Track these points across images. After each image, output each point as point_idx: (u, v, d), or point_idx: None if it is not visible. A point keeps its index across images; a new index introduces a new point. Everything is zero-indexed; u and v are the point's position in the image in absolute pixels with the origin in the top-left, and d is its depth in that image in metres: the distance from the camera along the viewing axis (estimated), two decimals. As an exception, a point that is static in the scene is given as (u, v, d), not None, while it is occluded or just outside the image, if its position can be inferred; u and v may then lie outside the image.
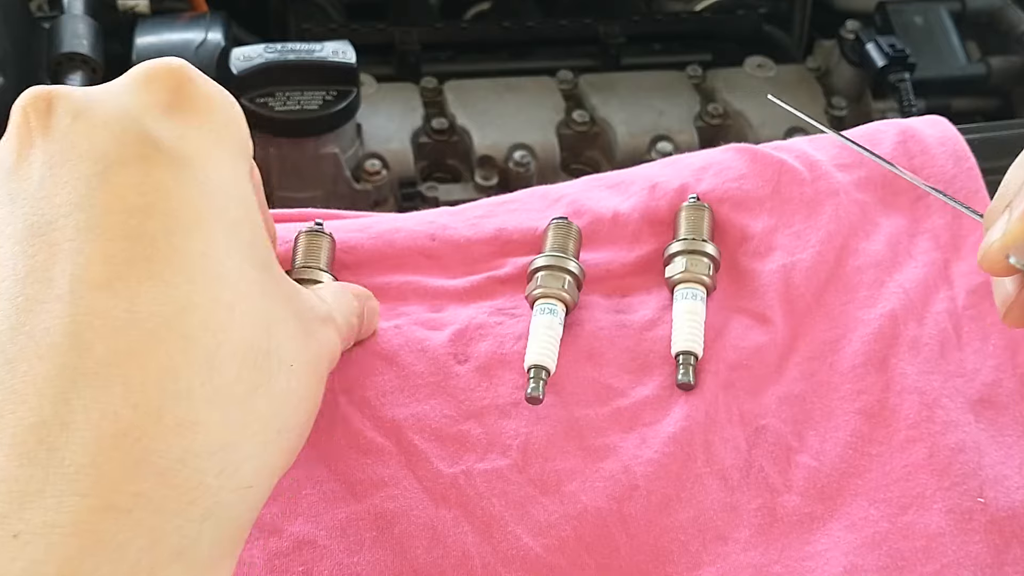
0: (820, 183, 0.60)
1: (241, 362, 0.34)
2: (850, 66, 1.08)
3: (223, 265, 0.35)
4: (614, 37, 1.10)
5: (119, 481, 0.30)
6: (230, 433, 0.33)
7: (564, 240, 0.56)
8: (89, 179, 0.34)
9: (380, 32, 1.09)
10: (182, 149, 0.36)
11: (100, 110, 0.37)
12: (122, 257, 0.33)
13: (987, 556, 0.48)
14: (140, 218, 0.34)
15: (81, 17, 0.91)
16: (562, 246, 0.56)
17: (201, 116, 0.37)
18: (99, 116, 0.36)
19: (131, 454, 0.31)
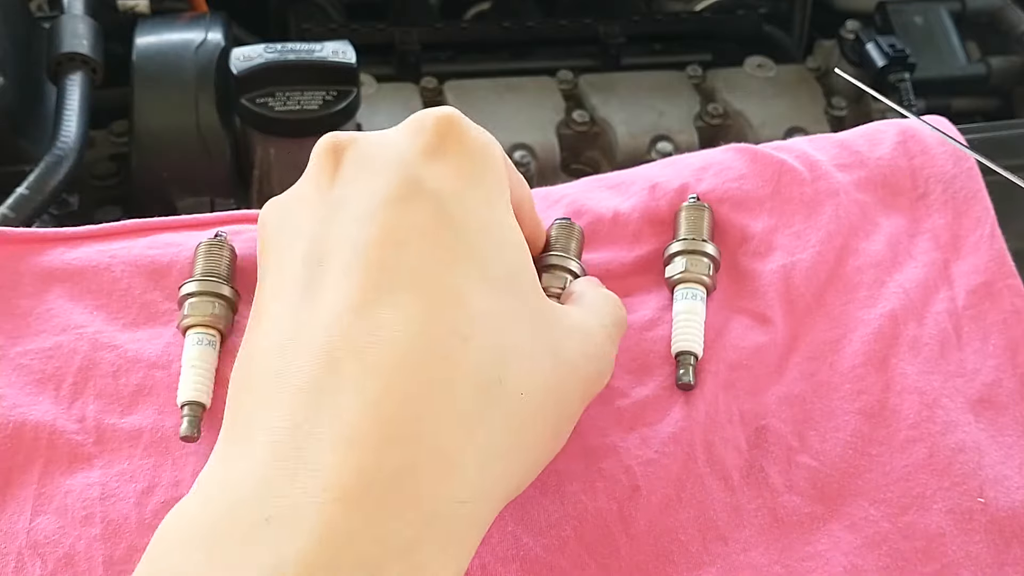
0: (820, 183, 0.60)
1: (471, 390, 0.37)
2: (850, 66, 1.08)
3: (466, 297, 0.39)
4: (614, 37, 1.10)
5: (354, 480, 0.35)
6: (452, 451, 0.36)
7: (567, 240, 0.56)
8: (361, 219, 0.40)
9: (380, 32, 1.09)
10: (441, 190, 0.41)
11: (380, 158, 0.42)
12: (373, 286, 0.38)
13: (987, 556, 0.48)
14: (396, 252, 0.39)
15: (81, 17, 0.91)
16: (564, 246, 0.56)
17: (463, 159, 0.42)
18: (378, 163, 0.41)
19: (363, 458, 0.35)
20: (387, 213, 0.39)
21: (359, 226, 0.39)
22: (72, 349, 0.54)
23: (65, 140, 0.82)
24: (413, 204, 0.40)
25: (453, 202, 0.40)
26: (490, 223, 0.42)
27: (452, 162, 0.41)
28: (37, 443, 0.51)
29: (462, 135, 0.42)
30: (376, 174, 0.41)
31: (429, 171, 0.41)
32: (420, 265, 0.38)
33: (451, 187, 0.41)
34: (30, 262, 0.57)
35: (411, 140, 0.42)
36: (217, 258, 0.55)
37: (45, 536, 0.48)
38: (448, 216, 0.40)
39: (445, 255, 0.39)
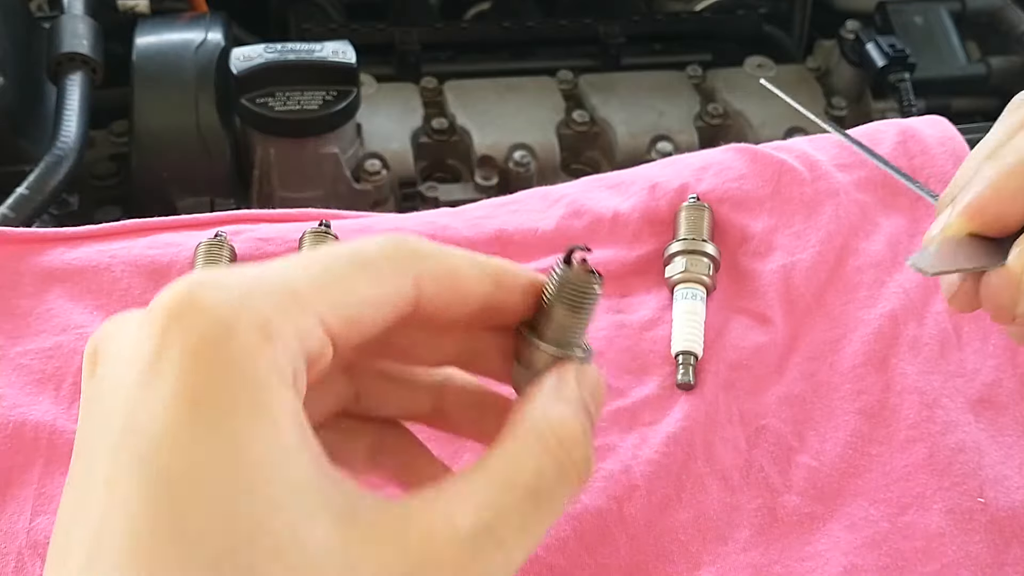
0: (820, 183, 0.60)
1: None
2: (850, 66, 1.08)
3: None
4: (614, 37, 1.10)
5: None
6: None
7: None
8: (76, 483, 0.32)
9: (380, 32, 1.09)
10: (151, 433, 0.31)
11: (106, 381, 0.34)
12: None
13: (987, 556, 0.48)
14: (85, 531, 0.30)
15: (81, 17, 0.91)
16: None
17: (184, 373, 0.32)
18: (104, 387, 0.34)
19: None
20: (98, 467, 0.31)
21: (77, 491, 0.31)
22: (72, 349, 0.54)
23: (65, 140, 0.82)
24: (121, 458, 0.30)
25: (164, 452, 0.30)
26: (215, 475, 0.29)
27: (169, 380, 0.30)
28: (37, 443, 0.51)
29: (187, 331, 0.31)
30: (99, 408, 0.32)
31: (143, 404, 0.30)
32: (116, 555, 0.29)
33: (162, 426, 0.30)
34: (30, 262, 0.57)
35: (134, 350, 0.32)
36: (217, 258, 0.55)
37: (45, 536, 0.48)
38: (154, 474, 0.30)
39: (144, 540, 0.29)
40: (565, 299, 0.36)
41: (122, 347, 0.33)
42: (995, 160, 0.37)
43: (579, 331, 0.37)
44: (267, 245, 0.58)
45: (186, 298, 0.31)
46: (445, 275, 0.35)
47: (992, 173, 0.36)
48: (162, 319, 0.31)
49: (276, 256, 0.57)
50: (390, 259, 0.34)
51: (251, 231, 0.59)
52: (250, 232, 0.59)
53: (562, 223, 0.60)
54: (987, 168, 0.37)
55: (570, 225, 0.60)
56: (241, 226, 0.59)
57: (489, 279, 0.36)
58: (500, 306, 0.37)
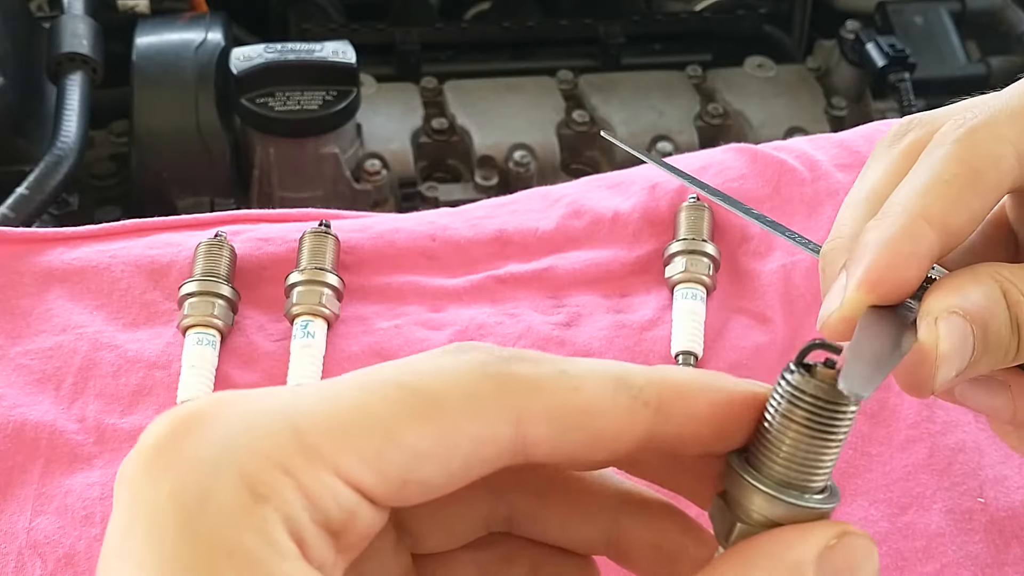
0: (820, 183, 0.60)
1: None
2: (850, 66, 1.08)
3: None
4: (614, 37, 1.10)
5: None
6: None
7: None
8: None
9: (380, 32, 1.09)
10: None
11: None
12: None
13: (987, 556, 0.48)
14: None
15: (81, 17, 0.91)
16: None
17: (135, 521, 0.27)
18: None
19: None
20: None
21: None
22: (72, 349, 0.54)
23: (65, 140, 0.82)
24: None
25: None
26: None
27: (136, 556, 0.25)
28: (37, 443, 0.51)
29: (158, 488, 0.25)
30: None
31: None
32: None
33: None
34: (30, 262, 0.57)
35: (115, 511, 0.27)
36: (217, 258, 0.55)
37: (45, 536, 0.48)
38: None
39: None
40: (801, 421, 0.26)
41: (116, 499, 0.26)
42: (882, 220, 0.34)
43: (821, 467, 0.26)
44: (267, 245, 0.58)
45: (164, 442, 0.25)
46: (567, 417, 0.26)
47: (882, 237, 0.33)
48: (138, 469, 0.25)
49: (276, 256, 0.57)
50: (468, 395, 0.26)
51: (251, 231, 0.59)
52: (250, 232, 0.59)
53: (562, 223, 0.60)
54: (875, 231, 0.33)
55: (570, 225, 0.60)
56: (241, 226, 0.59)
57: (646, 411, 0.26)
58: (676, 440, 0.27)
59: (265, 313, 0.56)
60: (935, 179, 0.34)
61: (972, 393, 0.38)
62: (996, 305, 0.34)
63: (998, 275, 0.34)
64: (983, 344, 0.34)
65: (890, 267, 0.33)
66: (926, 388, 0.33)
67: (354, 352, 0.55)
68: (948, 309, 0.33)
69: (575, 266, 0.58)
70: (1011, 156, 0.34)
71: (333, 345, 0.55)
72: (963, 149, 0.34)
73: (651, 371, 0.27)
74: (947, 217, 0.34)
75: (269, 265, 0.57)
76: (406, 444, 0.25)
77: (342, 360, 0.54)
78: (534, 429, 0.26)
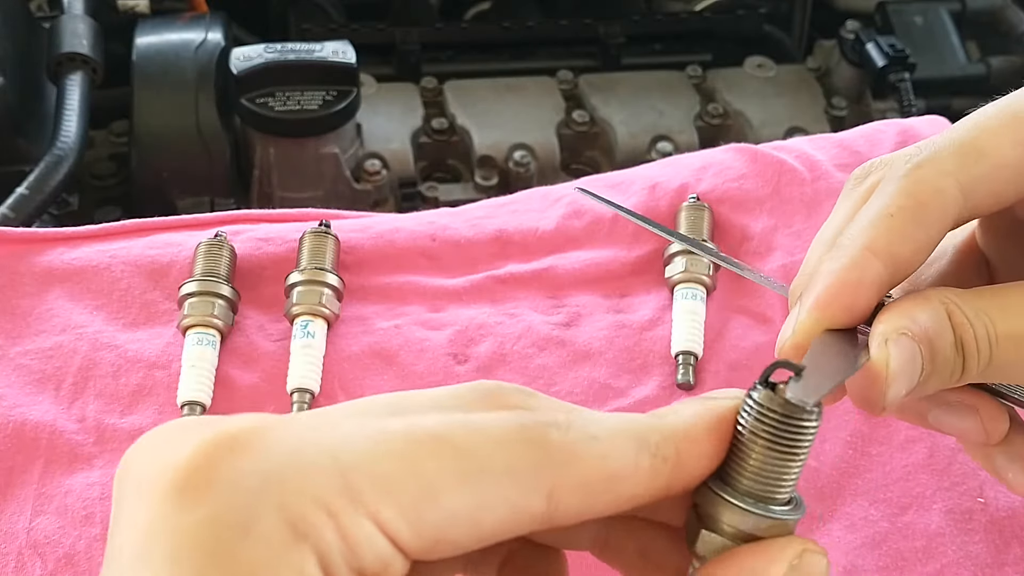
0: (820, 183, 0.60)
1: None
2: (850, 66, 1.08)
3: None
4: (614, 37, 1.10)
5: None
6: None
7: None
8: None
9: (380, 32, 1.09)
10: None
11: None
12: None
13: (987, 556, 0.48)
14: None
15: (81, 17, 0.91)
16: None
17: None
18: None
19: None
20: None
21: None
22: (72, 349, 0.54)
23: (65, 140, 0.82)
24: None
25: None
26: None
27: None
28: (37, 443, 0.51)
29: (191, 511, 0.24)
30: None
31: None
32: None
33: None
34: (30, 262, 0.57)
35: (134, 516, 0.26)
36: (217, 258, 0.55)
37: (45, 536, 0.48)
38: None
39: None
40: (766, 436, 0.28)
41: (127, 508, 0.25)
42: (833, 253, 0.36)
43: (785, 480, 0.28)
44: (267, 245, 0.58)
45: (204, 464, 0.24)
46: (597, 484, 0.27)
47: (831, 268, 0.36)
48: (166, 487, 0.24)
49: (276, 256, 0.57)
50: (508, 465, 0.26)
51: (251, 231, 0.59)
52: (250, 232, 0.59)
53: (562, 223, 0.60)
54: (827, 263, 0.36)
55: (570, 225, 0.60)
56: (241, 226, 0.59)
57: (665, 467, 0.28)
58: (684, 486, 0.28)
59: (265, 313, 0.56)
60: (881, 213, 0.36)
61: (945, 417, 0.40)
62: (942, 327, 0.36)
63: (944, 298, 0.36)
64: (931, 364, 0.36)
65: (837, 295, 0.35)
66: (877, 405, 0.35)
67: (354, 352, 0.55)
68: (897, 330, 0.35)
69: (575, 266, 0.58)
70: (953, 188, 0.36)
71: (333, 345, 0.55)
72: (908, 184, 0.36)
73: (663, 424, 0.28)
74: (892, 247, 0.36)
75: (269, 265, 0.57)
76: (445, 504, 0.25)
77: (342, 360, 0.54)
78: (565, 499, 0.26)
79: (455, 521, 0.25)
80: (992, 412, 0.39)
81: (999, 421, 0.39)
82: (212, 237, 0.56)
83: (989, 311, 0.36)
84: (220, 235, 0.57)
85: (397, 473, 0.25)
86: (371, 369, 0.54)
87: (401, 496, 0.25)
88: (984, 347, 0.36)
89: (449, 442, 0.25)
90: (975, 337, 0.36)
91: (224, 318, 0.54)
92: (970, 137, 0.37)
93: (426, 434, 0.25)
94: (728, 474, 0.28)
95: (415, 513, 0.25)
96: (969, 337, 0.36)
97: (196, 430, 0.25)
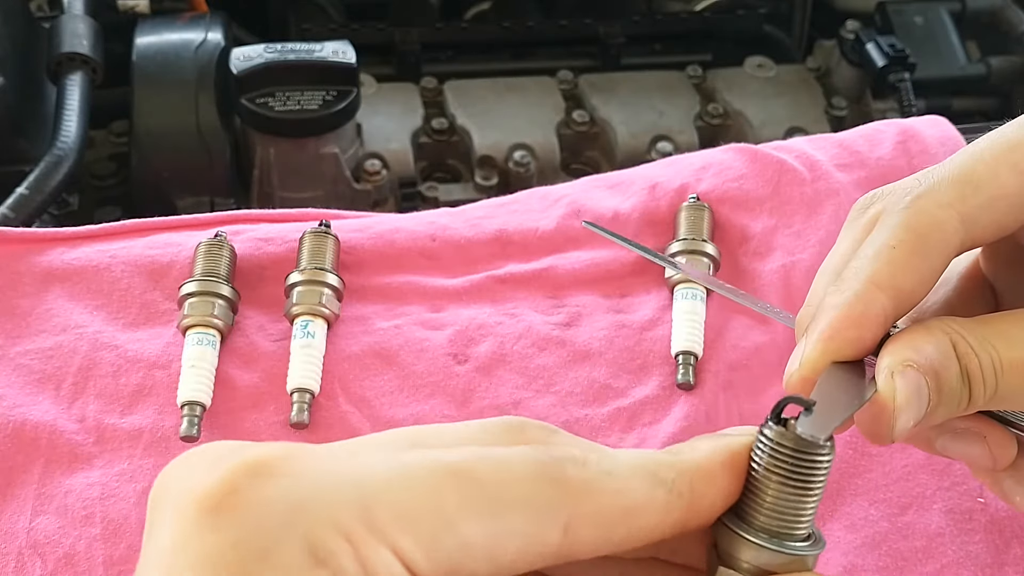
0: (820, 183, 0.60)
1: None
2: (850, 66, 1.08)
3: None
4: (614, 37, 1.10)
5: None
6: None
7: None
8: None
9: (380, 32, 1.09)
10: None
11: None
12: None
13: (987, 556, 0.48)
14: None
15: (81, 17, 0.91)
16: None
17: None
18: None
19: None
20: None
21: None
22: (72, 349, 0.54)
23: (65, 140, 0.82)
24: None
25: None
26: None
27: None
28: (37, 443, 0.51)
29: (216, 533, 0.25)
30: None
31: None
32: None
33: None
34: (30, 262, 0.57)
35: (162, 540, 0.27)
36: (217, 258, 0.55)
37: (45, 536, 0.48)
38: None
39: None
40: (780, 473, 0.28)
41: (158, 529, 0.26)
42: (837, 286, 0.37)
43: (802, 515, 0.28)
44: (267, 245, 0.58)
45: (232, 489, 0.25)
46: (613, 518, 0.27)
47: (836, 301, 0.36)
48: (195, 510, 0.25)
49: (276, 256, 0.57)
50: (525, 498, 0.26)
51: (251, 231, 0.59)
52: (250, 232, 0.59)
53: (562, 223, 0.60)
54: (832, 296, 0.37)
55: (570, 225, 0.60)
56: (241, 226, 0.59)
57: (680, 502, 0.28)
58: (699, 522, 0.29)
59: (265, 313, 0.56)
60: (883, 246, 0.37)
61: (952, 445, 0.40)
62: (947, 357, 0.36)
63: (949, 328, 0.37)
64: (937, 394, 0.36)
65: (843, 328, 0.36)
66: (886, 437, 0.36)
67: (354, 352, 0.55)
68: (903, 363, 0.35)
69: (575, 266, 0.58)
70: (954, 219, 0.37)
71: (333, 345, 0.55)
72: (909, 216, 0.37)
73: (678, 460, 0.29)
74: (896, 280, 0.36)
75: (269, 265, 0.57)
76: (462, 535, 0.26)
77: (342, 360, 0.54)
78: (581, 532, 0.27)
79: (471, 552, 0.26)
80: (999, 439, 0.39)
81: (1006, 447, 0.40)
82: (212, 237, 0.56)
83: (993, 339, 0.36)
84: (220, 235, 0.57)
85: (416, 504, 0.25)
86: (371, 369, 0.54)
87: (419, 526, 0.25)
88: (990, 376, 0.36)
89: (468, 475, 0.26)
90: (980, 366, 0.36)
91: (224, 318, 0.54)
92: (968, 168, 0.38)
93: (446, 467, 0.26)
94: (745, 511, 0.28)
95: (432, 543, 0.25)
96: (975, 366, 0.36)
97: (228, 456, 0.26)
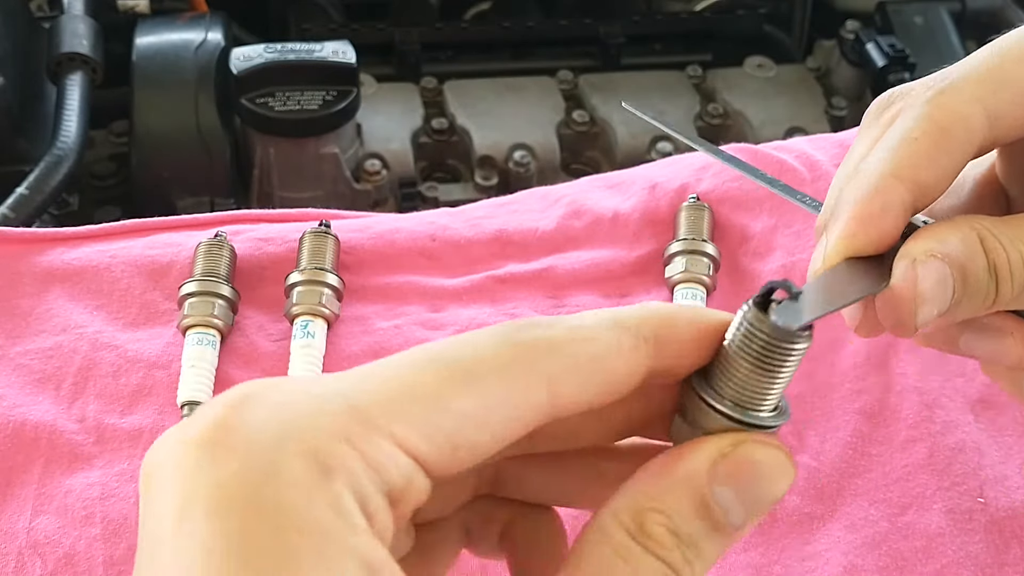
0: (820, 183, 0.60)
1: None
2: (850, 66, 1.08)
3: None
4: (614, 37, 1.10)
5: None
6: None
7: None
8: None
9: (380, 32, 1.09)
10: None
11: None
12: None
13: (987, 556, 0.48)
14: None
15: (81, 17, 0.92)
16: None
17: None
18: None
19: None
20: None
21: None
22: (72, 349, 0.54)
23: (65, 140, 0.82)
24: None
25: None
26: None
27: (201, 534, 0.25)
28: (37, 443, 0.51)
29: (221, 467, 0.25)
30: (141, 561, 0.27)
31: (174, 567, 0.25)
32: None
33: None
34: (30, 262, 0.57)
35: (166, 493, 0.27)
36: (217, 258, 0.55)
37: (45, 536, 0.48)
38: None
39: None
40: (752, 354, 0.28)
41: (158, 487, 0.26)
42: (855, 179, 0.36)
43: (769, 394, 0.29)
44: (267, 245, 0.58)
45: (222, 423, 0.25)
46: (586, 366, 0.28)
47: (854, 195, 0.35)
48: (193, 451, 0.25)
49: (276, 256, 0.57)
50: (503, 364, 0.27)
51: (251, 231, 0.59)
52: (250, 232, 0.59)
53: (562, 223, 0.60)
54: (850, 190, 0.36)
55: (570, 225, 0.60)
56: (241, 226, 0.59)
57: (646, 347, 0.29)
58: (666, 371, 0.29)
59: (265, 313, 0.56)
60: (904, 138, 0.36)
61: (978, 342, 0.39)
62: (974, 250, 0.35)
63: (977, 224, 0.36)
64: (963, 287, 0.35)
65: (863, 221, 0.35)
66: (908, 326, 0.35)
67: (354, 352, 0.55)
68: (927, 252, 0.35)
69: (575, 266, 0.58)
70: (979, 114, 0.36)
71: (333, 345, 0.55)
72: (932, 109, 0.36)
73: (640, 307, 0.29)
74: (916, 172, 0.35)
75: (269, 265, 0.57)
76: (453, 409, 0.26)
77: (342, 360, 0.54)
78: (562, 386, 0.27)
79: (465, 424, 0.27)
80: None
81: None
82: (212, 237, 0.56)
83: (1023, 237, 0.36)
84: (220, 235, 0.57)
85: (400, 393, 0.26)
86: (371, 369, 0.54)
87: (410, 412, 0.26)
88: (1019, 271, 0.35)
89: (443, 356, 0.27)
90: (1008, 261, 0.35)
91: (224, 318, 0.54)
92: (995, 63, 0.37)
93: (422, 353, 0.27)
94: (716, 381, 0.28)
95: (425, 424, 0.26)
96: (1003, 261, 0.35)
97: (208, 406, 0.26)
